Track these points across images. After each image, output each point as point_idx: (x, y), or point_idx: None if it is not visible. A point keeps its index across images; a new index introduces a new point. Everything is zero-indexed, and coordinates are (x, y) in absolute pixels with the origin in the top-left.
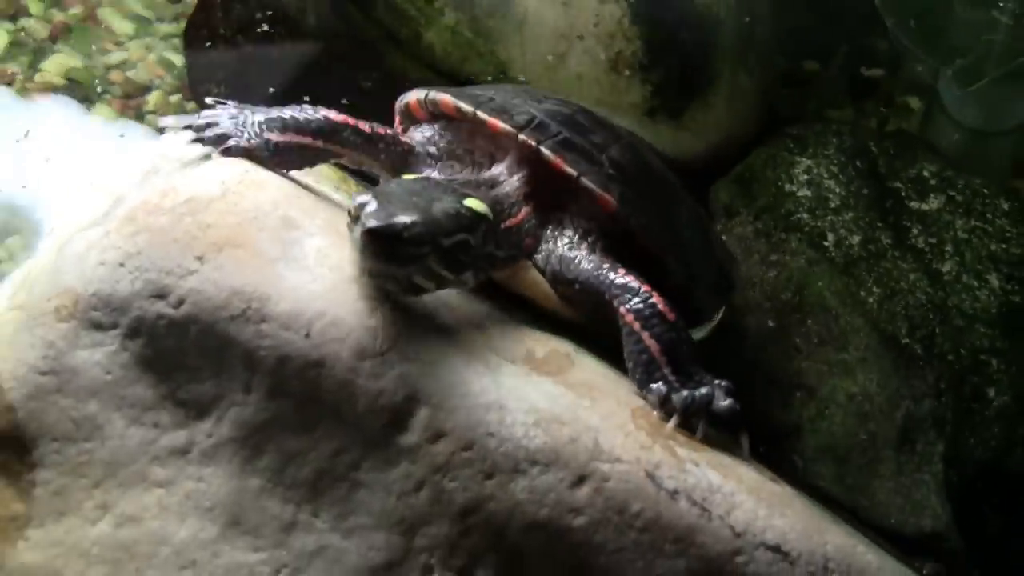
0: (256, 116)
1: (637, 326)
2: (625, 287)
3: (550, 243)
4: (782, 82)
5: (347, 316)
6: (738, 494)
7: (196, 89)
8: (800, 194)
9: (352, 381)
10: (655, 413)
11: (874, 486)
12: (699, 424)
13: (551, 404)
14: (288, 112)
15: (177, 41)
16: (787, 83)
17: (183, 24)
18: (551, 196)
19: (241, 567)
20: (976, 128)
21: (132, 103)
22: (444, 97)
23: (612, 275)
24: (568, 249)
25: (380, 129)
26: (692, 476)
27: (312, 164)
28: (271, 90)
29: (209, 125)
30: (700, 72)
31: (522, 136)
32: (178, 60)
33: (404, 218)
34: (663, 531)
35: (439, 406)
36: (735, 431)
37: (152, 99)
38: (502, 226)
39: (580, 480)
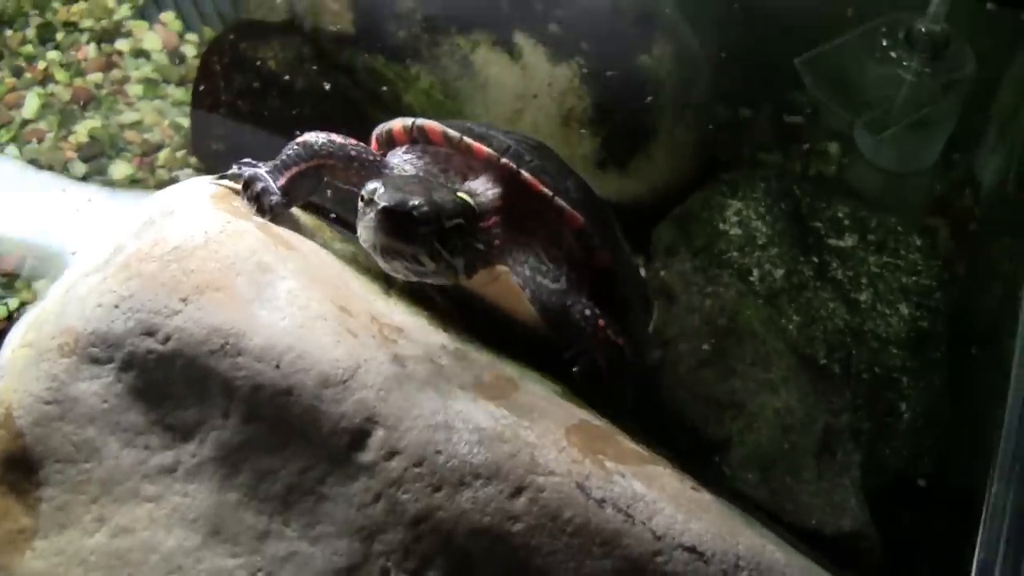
0: (267, 172)
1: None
2: (587, 318)
3: (525, 268)
4: (718, 134)
5: (312, 350)
6: (659, 501)
7: (198, 146)
8: (732, 233)
9: (317, 407)
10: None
11: (797, 491)
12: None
13: (494, 424)
14: (280, 156)
15: (186, 108)
16: (723, 134)
17: (189, 89)
18: (520, 213)
19: (221, 572)
20: (891, 170)
21: (146, 160)
22: (431, 124)
23: (579, 305)
24: (541, 277)
25: (352, 139)
26: (618, 486)
27: (319, 182)
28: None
29: (252, 180)
30: (643, 127)
31: (503, 160)
32: (185, 123)
33: (413, 199)
34: (591, 535)
35: (393, 427)
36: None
37: (162, 155)
38: (480, 225)
39: (518, 491)
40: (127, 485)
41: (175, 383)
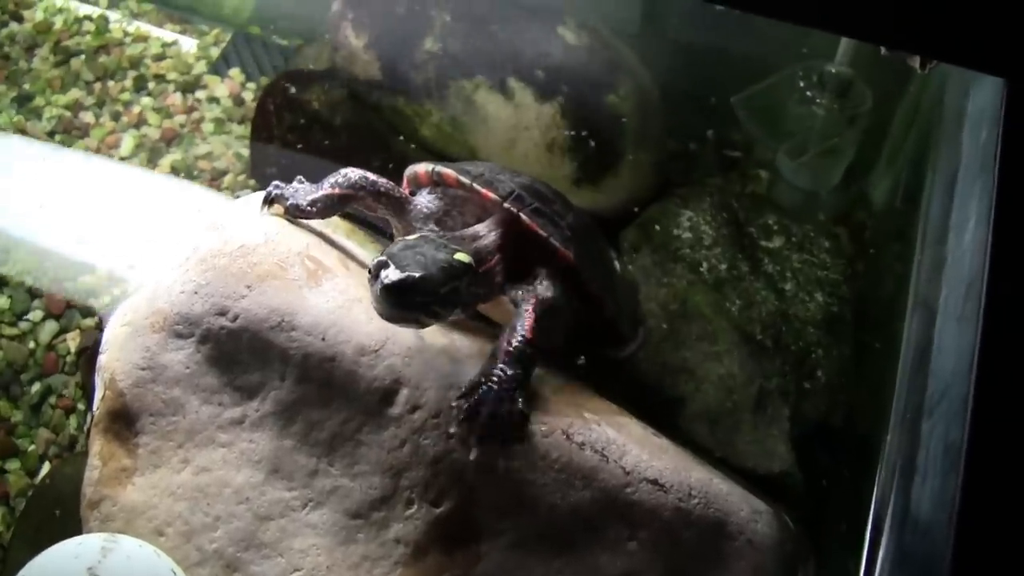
0: (306, 188)
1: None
2: (521, 326)
3: (517, 292)
4: (672, 158)
5: (351, 325)
6: (628, 444)
7: (256, 171)
8: (684, 236)
9: (355, 371)
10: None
11: (737, 440)
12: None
13: None
14: (325, 181)
15: (246, 141)
16: (675, 158)
17: (248, 126)
18: (520, 250)
19: (280, 501)
20: (805, 189)
21: (214, 183)
22: (447, 171)
23: (527, 312)
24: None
25: (383, 179)
26: (595, 432)
27: (340, 209)
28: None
29: (278, 192)
30: (611, 153)
31: (506, 204)
32: (245, 152)
33: (412, 275)
34: (574, 471)
35: (416, 387)
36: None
37: (227, 180)
38: (480, 269)
39: None
40: (205, 434)
41: (242, 353)
